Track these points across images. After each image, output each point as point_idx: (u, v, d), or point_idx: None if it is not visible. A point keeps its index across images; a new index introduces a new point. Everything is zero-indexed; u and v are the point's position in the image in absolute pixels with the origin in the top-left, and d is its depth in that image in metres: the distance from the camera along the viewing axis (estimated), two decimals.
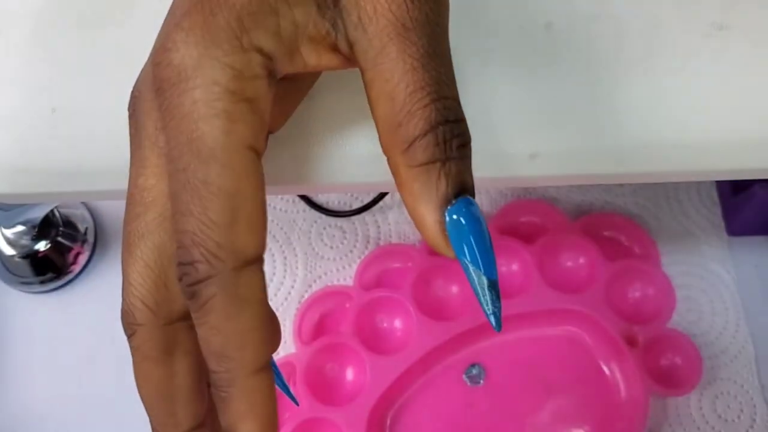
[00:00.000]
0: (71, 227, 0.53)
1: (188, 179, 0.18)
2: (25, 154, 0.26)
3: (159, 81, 0.18)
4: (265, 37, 0.19)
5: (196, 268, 0.18)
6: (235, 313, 0.18)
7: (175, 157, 0.18)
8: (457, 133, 0.19)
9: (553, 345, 0.49)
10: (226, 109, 0.18)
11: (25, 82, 0.27)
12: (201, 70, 0.18)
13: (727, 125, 0.26)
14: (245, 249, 0.18)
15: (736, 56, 0.26)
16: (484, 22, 0.27)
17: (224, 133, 0.18)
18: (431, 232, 0.19)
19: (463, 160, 0.19)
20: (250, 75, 0.18)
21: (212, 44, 0.18)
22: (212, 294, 0.18)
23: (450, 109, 0.19)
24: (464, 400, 0.48)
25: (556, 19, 0.26)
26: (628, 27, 0.27)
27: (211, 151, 0.18)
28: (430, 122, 0.19)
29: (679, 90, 0.26)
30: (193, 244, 0.18)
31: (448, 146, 0.19)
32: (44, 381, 0.51)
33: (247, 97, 0.18)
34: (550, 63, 0.26)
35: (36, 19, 0.28)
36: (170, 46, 0.18)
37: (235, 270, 0.18)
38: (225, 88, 0.18)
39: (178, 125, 0.18)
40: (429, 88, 0.19)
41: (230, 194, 0.18)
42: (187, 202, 0.18)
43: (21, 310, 0.52)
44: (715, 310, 0.51)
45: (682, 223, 0.53)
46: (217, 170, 0.18)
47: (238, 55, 0.18)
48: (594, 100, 0.26)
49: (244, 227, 0.18)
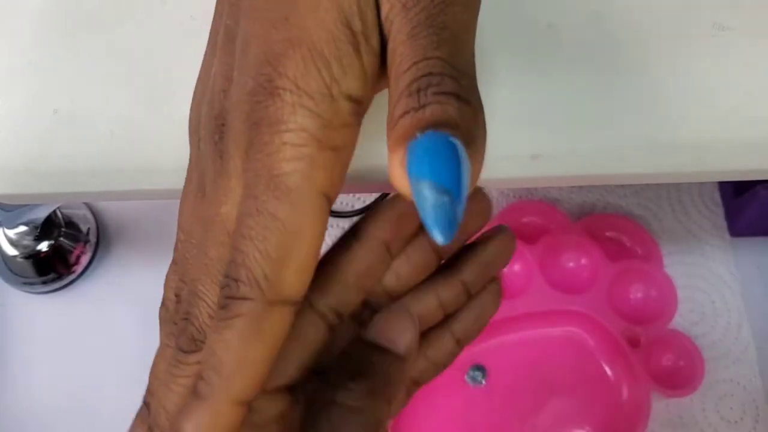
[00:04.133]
0: (73, 228, 0.53)
1: (258, 207, 0.19)
2: (27, 154, 0.26)
3: (258, 118, 0.19)
4: (354, 83, 0.19)
5: (237, 286, 0.19)
6: (251, 341, 0.19)
7: (251, 185, 0.19)
8: (437, 83, 0.18)
9: (555, 346, 0.48)
10: (311, 156, 0.19)
11: (26, 84, 0.27)
12: (294, 117, 0.19)
13: (729, 126, 0.26)
14: (287, 289, 0.19)
15: (739, 56, 0.26)
16: (486, 22, 0.26)
17: (303, 177, 0.19)
18: (390, 169, 0.18)
19: (443, 104, 0.18)
20: (339, 124, 0.19)
21: (306, 94, 0.19)
22: (240, 313, 0.19)
23: (432, 65, 0.18)
24: (466, 401, 0.47)
25: (557, 19, 0.26)
26: (630, 27, 0.26)
27: (287, 190, 0.18)
28: (406, 80, 0.18)
29: (681, 90, 0.26)
30: (244, 265, 0.19)
31: (422, 94, 0.18)
32: (46, 381, 0.51)
33: (333, 146, 0.19)
34: (551, 63, 0.26)
35: (37, 20, 0.28)
36: (272, 90, 0.19)
37: (270, 304, 0.19)
38: (313, 136, 0.19)
39: (264, 160, 0.19)
40: (412, 54, 0.18)
41: (292, 234, 0.18)
42: (251, 227, 0.19)
43: (23, 311, 0.52)
44: (717, 311, 0.51)
45: (684, 224, 0.53)
46: (287, 208, 0.18)
47: (327, 105, 0.19)
48: (596, 101, 0.26)
49: (294, 268, 0.19)
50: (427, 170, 0.17)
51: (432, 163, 0.17)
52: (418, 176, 0.17)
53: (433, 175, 0.17)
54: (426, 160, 0.17)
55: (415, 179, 0.17)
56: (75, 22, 0.28)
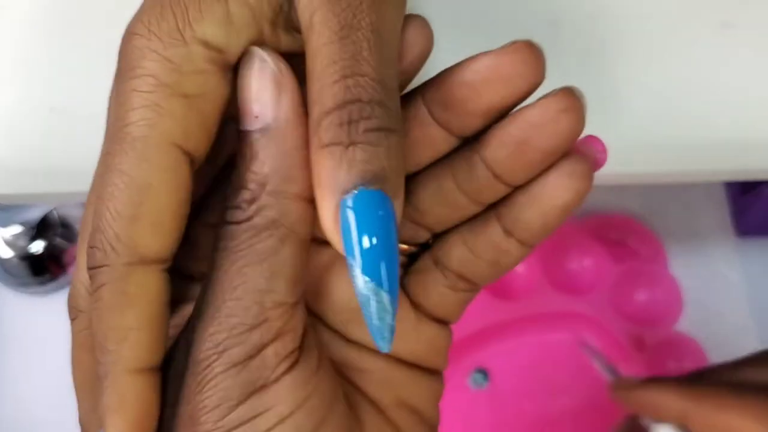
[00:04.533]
0: (69, 228, 0.53)
1: (108, 163, 0.18)
2: (22, 153, 0.27)
3: (118, 67, 0.18)
4: (211, 27, 0.18)
5: (94, 254, 0.18)
6: (119, 308, 0.18)
7: (106, 140, 0.18)
8: (367, 115, 0.17)
9: (559, 348, 0.48)
10: (157, 102, 0.18)
11: (22, 82, 0.27)
12: (143, 61, 0.18)
13: (735, 125, 0.25)
14: (144, 248, 0.18)
15: (744, 55, 0.26)
16: (488, 20, 0.26)
17: (149, 126, 0.18)
18: (323, 220, 0.18)
19: (374, 146, 0.17)
20: (190, 69, 0.18)
21: (155, 37, 0.18)
22: (102, 283, 0.18)
23: (362, 87, 0.17)
24: (469, 404, 0.47)
25: (560, 17, 0.26)
26: (634, 26, 0.26)
27: (133, 140, 0.18)
28: (335, 100, 0.17)
29: (685, 89, 0.26)
30: (98, 229, 0.18)
31: (353, 128, 0.17)
32: (41, 382, 0.51)
33: (184, 93, 0.18)
34: (554, 61, 0.26)
35: (34, 17, 0.28)
36: (127, 37, 0.18)
37: (128, 266, 0.18)
38: (160, 81, 0.18)
39: (116, 111, 0.18)
40: (342, 63, 0.17)
41: (140, 188, 0.18)
42: (102, 185, 0.18)
43: (18, 311, 0.52)
44: (723, 313, 0.50)
45: (689, 224, 0.53)
46: (133, 161, 0.18)
47: (177, 49, 0.18)
48: (599, 100, 0.25)
49: (147, 225, 0.18)
50: (362, 232, 0.17)
51: (364, 227, 0.17)
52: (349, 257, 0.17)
53: (369, 235, 0.17)
54: (360, 221, 0.17)
55: (348, 264, 0.17)
56: (71, 20, 0.28)
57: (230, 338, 0.18)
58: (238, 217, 0.18)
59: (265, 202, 0.18)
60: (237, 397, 0.18)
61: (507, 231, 0.21)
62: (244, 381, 0.18)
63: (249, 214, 0.18)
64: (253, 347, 0.18)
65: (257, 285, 0.18)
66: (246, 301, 0.18)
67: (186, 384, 0.18)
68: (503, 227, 0.21)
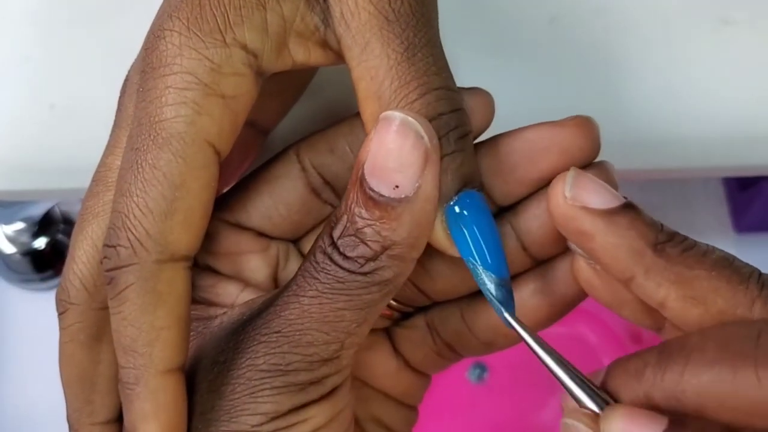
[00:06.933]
0: (71, 224, 0.52)
1: (137, 159, 0.18)
2: (24, 150, 0.27)
3: (144, 65, 0.18)
4: (250, 33, 0.18)
5: (118, 253, 0.18)
6: (150, 307, 0.18)
7: (133, 136, 0.18)
8: (455, 125, 0.18)
9: (557, 342, 0.48)
10: (195, 101, 0.18)
11: (23, 79, 0.27)
12: (180, 59, 0.18)
13: (734, 121, 0.25)
14: (175, 244, 0.18)
15: (743, 51, 0.26)
16: (488, 17, 0.26)
17: (186, 123, 0.18)
18: (436, 231, 0.18)
19: (464, 152, 0.18)
20: (229, 71, 0.18)
21: (195, 36, 0.18)
22: (129, 283, 0.18)
23: (443, 100, 0.18)
24: (468, 399, 0.47)
25: (560, 13, 0.26)
26: (633, 22, 0.26)
27: (168, 137, 0.18)
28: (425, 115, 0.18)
29: (685, 85, 0.26)
30: (123, 227, 0.18)
31: (444, 141, 0.18)
32: (44, 378, 0.51)
33: (221, 93, 0.18)
34: (554, 58, 0.26)
35: (34, 15, 0.28)
36: (159, 33, 0.18)
37: (159, 263, 0.18)
38: (198, 80, 0.18)
39: (147, 107, 0.18)
40: (416, 82, 0.18)
41: (174, 185, 0.18)
42: (129, 182, 0.18)
43: (21, 308, 0.52)
44: None
45: (688, 220, 0.53)
46: (168, 157, 0.18)
47: (218, 49, 0.18)
48: (599, 96, 0.25)
49: (180, 222, 0.18)
50: (474, 231, 0.18)
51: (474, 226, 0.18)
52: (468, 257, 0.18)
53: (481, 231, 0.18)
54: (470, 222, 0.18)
55: (469, 263, 0.18)
56: (72, 17, 0.28)
57: (302, 363, 0.18)
58: (349, 267, 0.18)
59: (385, 264, 0.18)
60: (285, 409, 0.18)
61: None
62: (298, 399, 0.18)
63: (364, 270, 0.18)
64: (319, 376, 0.18)
65: (348, 328, 0.18)
66: (331, 337, 0.18)
67: (228, 384, 0.18)
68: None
